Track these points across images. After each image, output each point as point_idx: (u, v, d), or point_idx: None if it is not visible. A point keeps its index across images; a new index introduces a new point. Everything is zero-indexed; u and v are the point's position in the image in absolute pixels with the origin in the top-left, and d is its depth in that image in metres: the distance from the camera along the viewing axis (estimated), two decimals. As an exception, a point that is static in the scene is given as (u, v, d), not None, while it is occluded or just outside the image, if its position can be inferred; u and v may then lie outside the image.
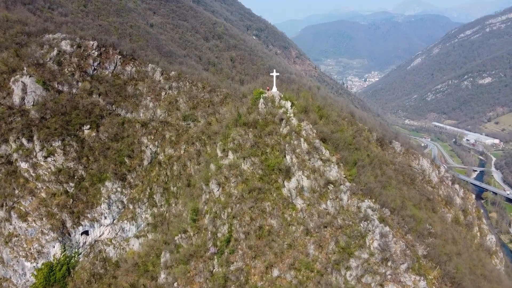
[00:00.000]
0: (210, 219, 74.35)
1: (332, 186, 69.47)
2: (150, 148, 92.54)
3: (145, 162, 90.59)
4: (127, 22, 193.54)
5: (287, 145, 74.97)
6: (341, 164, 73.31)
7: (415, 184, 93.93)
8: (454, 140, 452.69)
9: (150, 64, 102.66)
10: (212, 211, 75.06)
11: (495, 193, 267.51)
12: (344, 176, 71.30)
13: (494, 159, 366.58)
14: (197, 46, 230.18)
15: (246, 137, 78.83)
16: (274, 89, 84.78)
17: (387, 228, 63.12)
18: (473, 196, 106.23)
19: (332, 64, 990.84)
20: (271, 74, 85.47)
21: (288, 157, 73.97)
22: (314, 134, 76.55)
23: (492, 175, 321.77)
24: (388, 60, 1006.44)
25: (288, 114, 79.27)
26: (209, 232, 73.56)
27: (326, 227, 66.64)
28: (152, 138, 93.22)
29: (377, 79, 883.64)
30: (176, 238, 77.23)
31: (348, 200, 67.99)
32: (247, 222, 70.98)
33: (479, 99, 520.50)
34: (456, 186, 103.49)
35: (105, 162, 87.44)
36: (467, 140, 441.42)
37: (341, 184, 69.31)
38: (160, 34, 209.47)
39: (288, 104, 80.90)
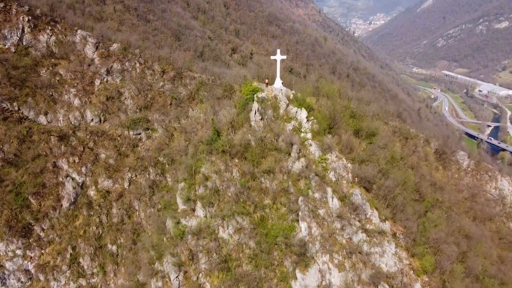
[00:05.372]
0: (162, 334, 41.79)
1: None
2: (73, 179, 56.85)
3: (65, 203, 55.23)
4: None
5: (301, 198, 41.13)
6: (401, 239, 39.83)
7: (493, 221, 61.37)
8: (465, 90, 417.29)
9: (79, 31, 64.14)
10: (167, 317, 42.43)
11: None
12: (409, 264, 38.16)
13: (509, 113, 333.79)
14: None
15: (228, 176, 44.65)
16: (278, 82, 49.01)
17: None
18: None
19: (336, 6, 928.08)
20: (272, 57, 49.12)
21: (303, 225, 40.41)
22: (349, 176, 42.20)
23: (508, 132, 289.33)
24: (395, 1, 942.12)
25: (302, 133, 45.01)
26: None
27: None
28: (77, 160, 57.12)
29: (383, 22, 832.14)
30: None
31: (420, 323, 35.40)
32: None
33: (494, 46, 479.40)
34: (543, 215, 70.50)
35: (-5, 205, 52.65)
36: (480, 91, 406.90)
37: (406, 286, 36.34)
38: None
39: (303, 113, 46.06)
